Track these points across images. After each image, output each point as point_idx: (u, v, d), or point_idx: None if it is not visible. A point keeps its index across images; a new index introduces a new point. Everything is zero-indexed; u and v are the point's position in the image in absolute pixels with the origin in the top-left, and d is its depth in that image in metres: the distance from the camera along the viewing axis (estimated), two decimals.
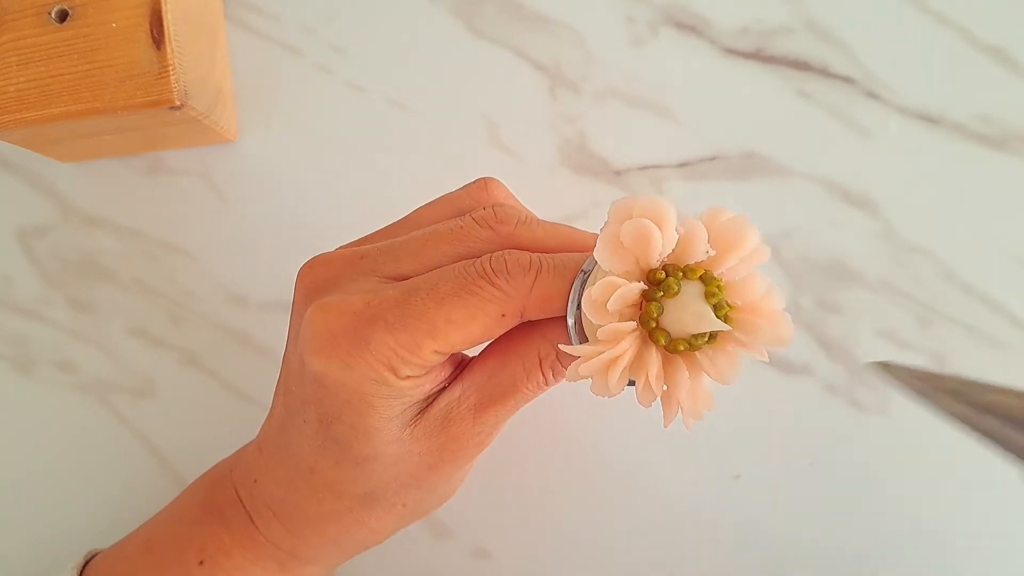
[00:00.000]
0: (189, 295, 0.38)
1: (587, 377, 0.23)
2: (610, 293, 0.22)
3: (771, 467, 0.36)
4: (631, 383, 0.23)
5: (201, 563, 0.30)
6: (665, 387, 0.23)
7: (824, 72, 0.37)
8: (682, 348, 0.22)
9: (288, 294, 0.29)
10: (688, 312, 0.22)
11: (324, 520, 0.28)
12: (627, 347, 0.22)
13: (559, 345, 0.24)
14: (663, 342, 0.22)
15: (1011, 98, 0.37)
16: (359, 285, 0.26)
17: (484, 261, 0.25)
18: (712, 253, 0.23)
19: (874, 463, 0.35)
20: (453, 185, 0.29)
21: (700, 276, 0.22)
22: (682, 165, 0.37)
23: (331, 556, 0.30)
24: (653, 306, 0.22)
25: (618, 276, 0.22)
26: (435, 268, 0.26)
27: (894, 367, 0.21)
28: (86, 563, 0.32)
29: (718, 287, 0.22)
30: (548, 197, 0.37)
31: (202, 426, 0.38)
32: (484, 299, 0.24)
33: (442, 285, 0.24)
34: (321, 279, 0.27)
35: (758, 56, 0.38)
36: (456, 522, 0.36)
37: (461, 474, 0.29)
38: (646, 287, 0.23)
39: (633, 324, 0.23)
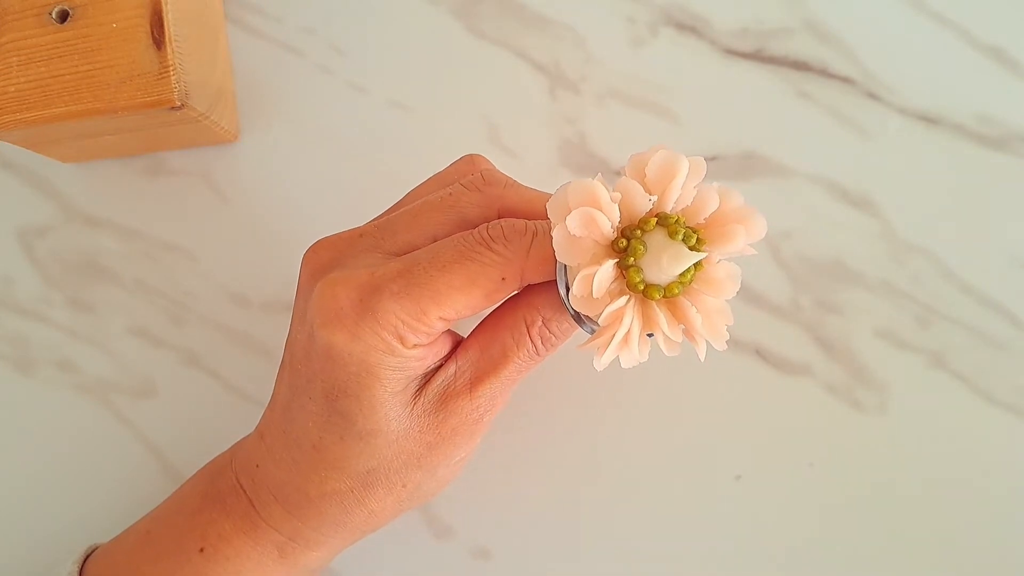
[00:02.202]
0: (190, 295, 0.38)
1: (611, 360, 0.24)
2: (589, 284, 0.23)
3: (771, 467, 0.36)
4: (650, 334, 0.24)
5: (201, 550, 0.30)
6: (683, 327, 0.24)
7: (824, 72, 0.37)
8: (678, 291, 0.23)
9: (289, 294, 0.29)
10: (664, 259, 0.23)
11: (325, 500, 0.29)
12: (630, 319, 0.23)
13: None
14: (658, 296, 0.23)
15: (1011, 98, 0.37)
16: (362, 260, 0.27)
17: (482, 229, 0.26)
18: (654, 198, 0.23)
19: (874, 463, 0.35)
20: None
21: (657, 223, 0.23)
22: None
23: (331, 539, 0.30)
24: (632, 272, 0.23)
25: (588, 265, 0.23)
26: (431, 236, 0.27)
27: None
28: (86, 558, 0.32)
29: (677, 222, 0.23)
30: None
31: (203, 426, 0.38)
32: (484, 264, 0.25)
33: (443, 254, 0.25)
34: (325, 259, 0.28)
35: (758, 56, 0.38)
36: (456, 522, 0.36)
37: (461, 456, 0.29)
38: (617, 259, 0.23)
39: (625, 297, 0.23)
